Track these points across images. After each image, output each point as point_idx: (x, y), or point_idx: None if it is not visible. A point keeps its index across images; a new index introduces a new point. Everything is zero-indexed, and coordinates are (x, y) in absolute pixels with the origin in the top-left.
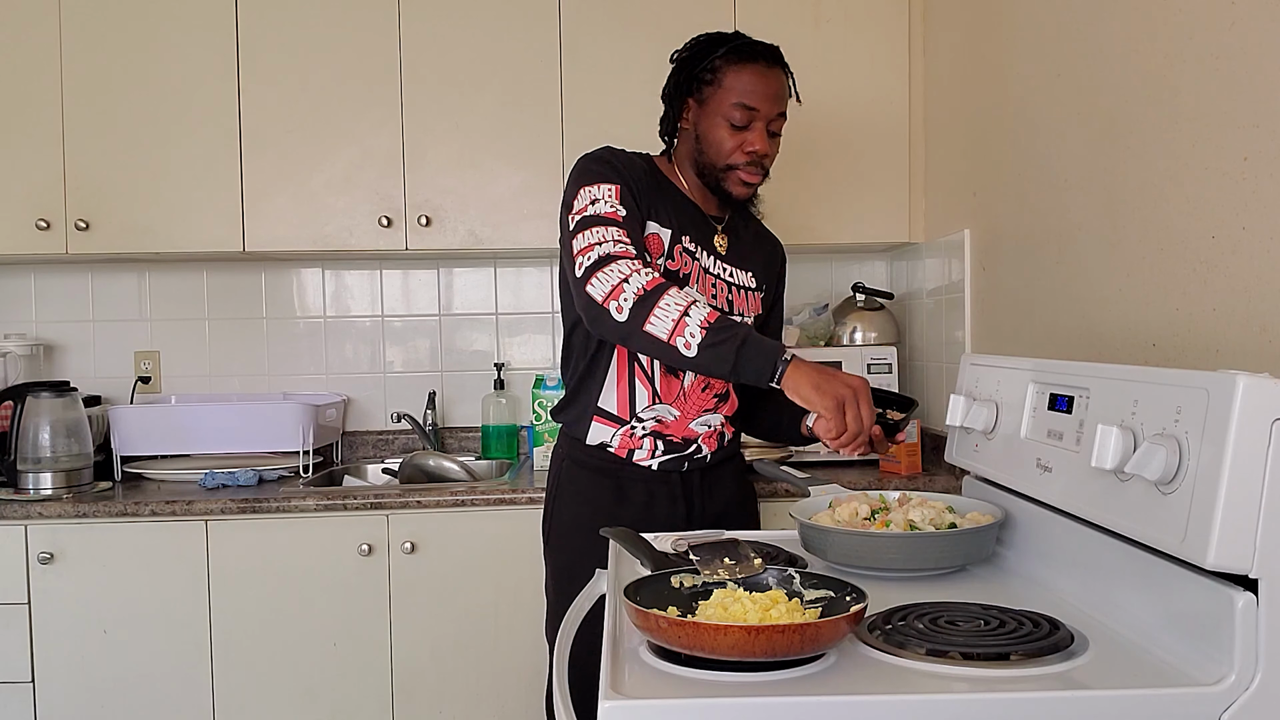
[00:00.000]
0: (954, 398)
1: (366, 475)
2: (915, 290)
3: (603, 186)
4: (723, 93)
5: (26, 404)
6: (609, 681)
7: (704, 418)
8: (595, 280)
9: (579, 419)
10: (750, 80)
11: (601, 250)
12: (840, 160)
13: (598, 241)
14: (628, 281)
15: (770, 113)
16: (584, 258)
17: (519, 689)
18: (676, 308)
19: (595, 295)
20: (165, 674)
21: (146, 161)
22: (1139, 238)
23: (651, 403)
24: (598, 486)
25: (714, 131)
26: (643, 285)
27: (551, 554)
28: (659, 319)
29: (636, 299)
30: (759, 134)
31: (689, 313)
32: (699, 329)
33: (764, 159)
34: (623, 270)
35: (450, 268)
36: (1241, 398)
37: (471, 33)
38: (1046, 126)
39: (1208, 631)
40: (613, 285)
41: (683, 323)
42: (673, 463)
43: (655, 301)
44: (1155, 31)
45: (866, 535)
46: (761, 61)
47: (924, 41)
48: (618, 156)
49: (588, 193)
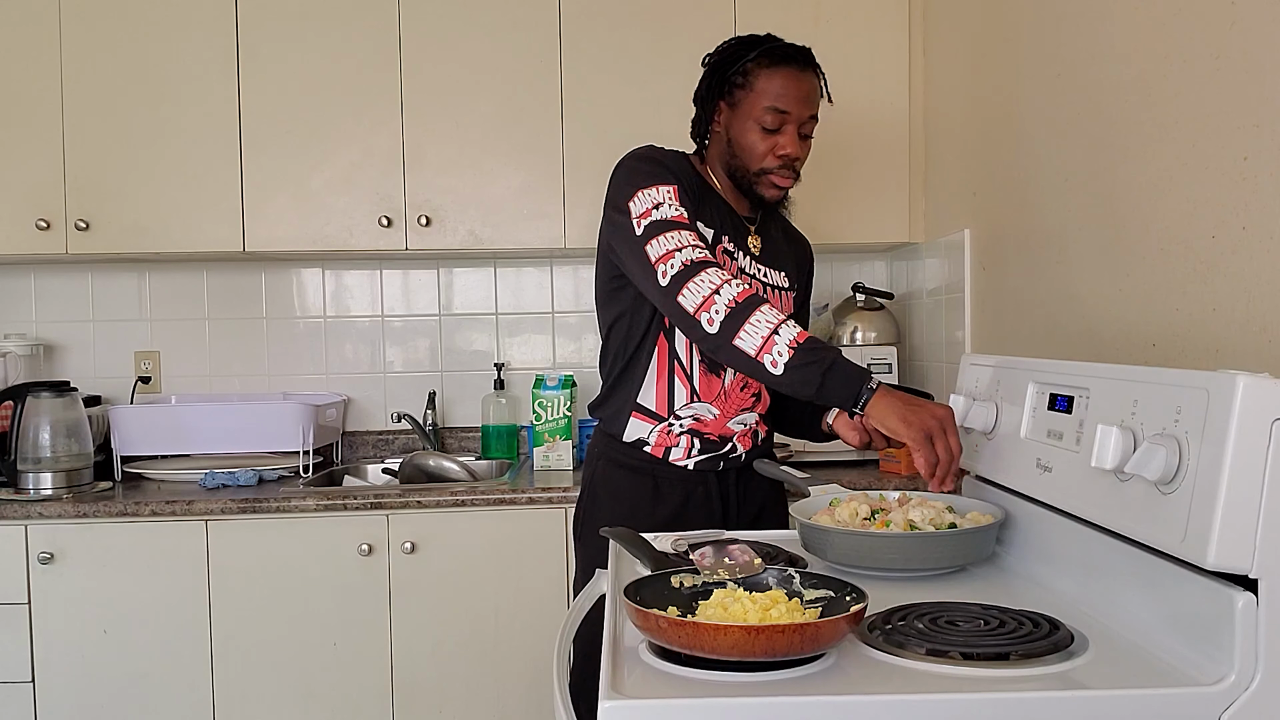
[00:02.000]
0: (954, 398)
1: (366, 475)
2: (915, 290)
3: (661, 189)
4: (754, 96)
5: (26, 404)
6: (609, 681)
7: (741, 417)
8: (686, 291)
9: (617, 414)
10: (782, 83)
11: (683, 257)
12: (840, 160)
13: (676, 248)
14: (719, 293)
15: (802, 115)
16: (666, 265)
17: (519, 689)
18: (767, 325)
19: (687, 306)
20: (165, 674)
21: (146, 161)
22: (1139, 238)
23: (690, 400)
24: (635, 486)
25: (746, 135)
26: (734, 297)
27: (584, 550)
28: (749, 334)
29: (728, 312)
30: (790, 137)
31: (779, 331)
32: (787, 348)
33: (795, 162)
34: (713, 280)
35: (450, 268)
36: (1241, 398)
37: (471, 33)
38: (1046, 126)
39: (1208, 631)
40: (704, 296)
41: (771, 340)
42: (709, 463)
43: (747, 316)
44: (1155, 31)
45: (866, 535)
46: (794, 64)
47: (924, 41)
48: (665, 155)
49: (647, 195)
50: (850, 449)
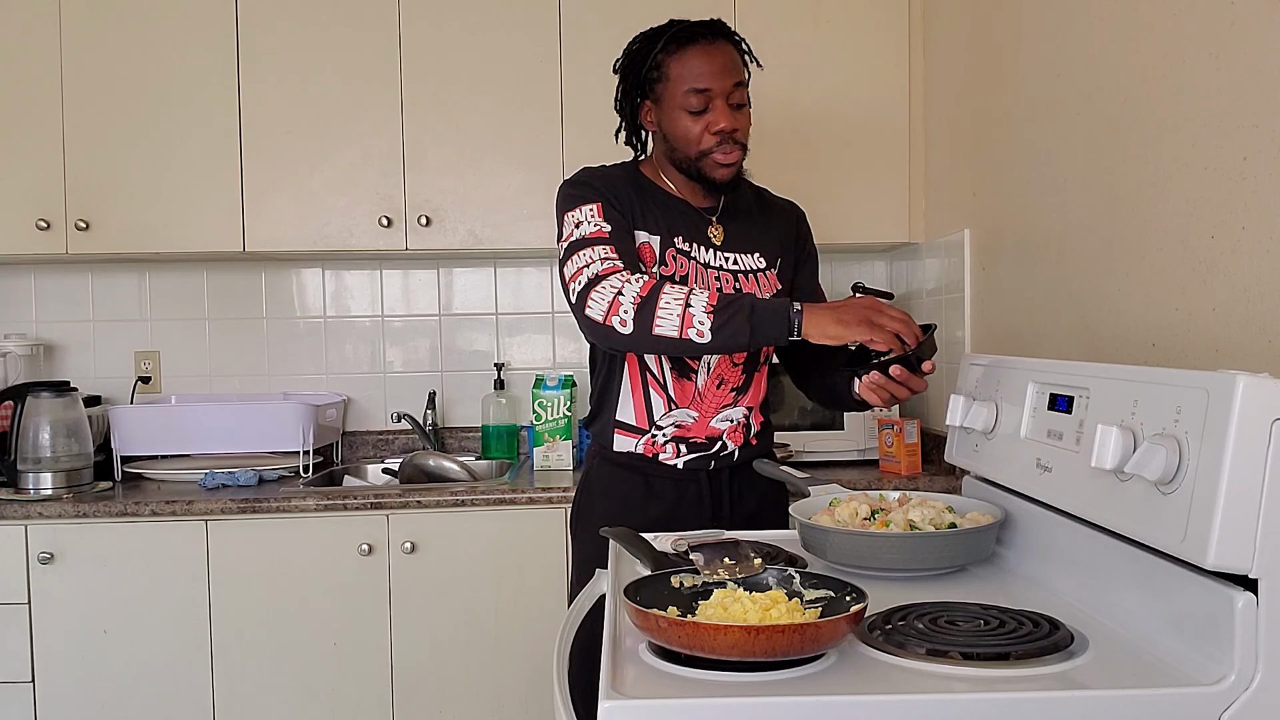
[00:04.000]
0: (954, 398)
1: (366, 475)
2: (915, 290)
3: (584, 208)
4: (673, 84)
5: (26, 404)
6: (609, 681)
7: (724, 414)
8: (591, 302)
9: (603, 430)
10: (694, 63)
11: (590, 272)
12: (840, 160)
13: (585, 264)
14: (622, 294)
15: (725, 87)
16: (575, 283)
17: (519, 689)
18: (677, 302)
19: (595, 316)
20: (165, 674)
21: (146, 161)
22: (1139, 238)
23: (668, 410)
24: (628, 483)
25: (676, 124)
26: (637, 292)
27: (579, 546)
28: (664, 319)
29: (636, 307)
30: (720, 111)
31: (690, 303)
32: (705, 314)
33: (734, 133)
34: (614, 284)
35: (450, 268)
36: (1241, 398)
37: (471, 33)
38: (1046, 126)
39: (1208, 631)
40: (609, 301)
41: (688, 314)
42: (698, 461)
43: (655, 303)
44: (1155, 31)
45: (866, 535)
46: (700, 41)
47: (924, 41)
48: (594, 174)
49: (571, 218)
50: (850, 449)
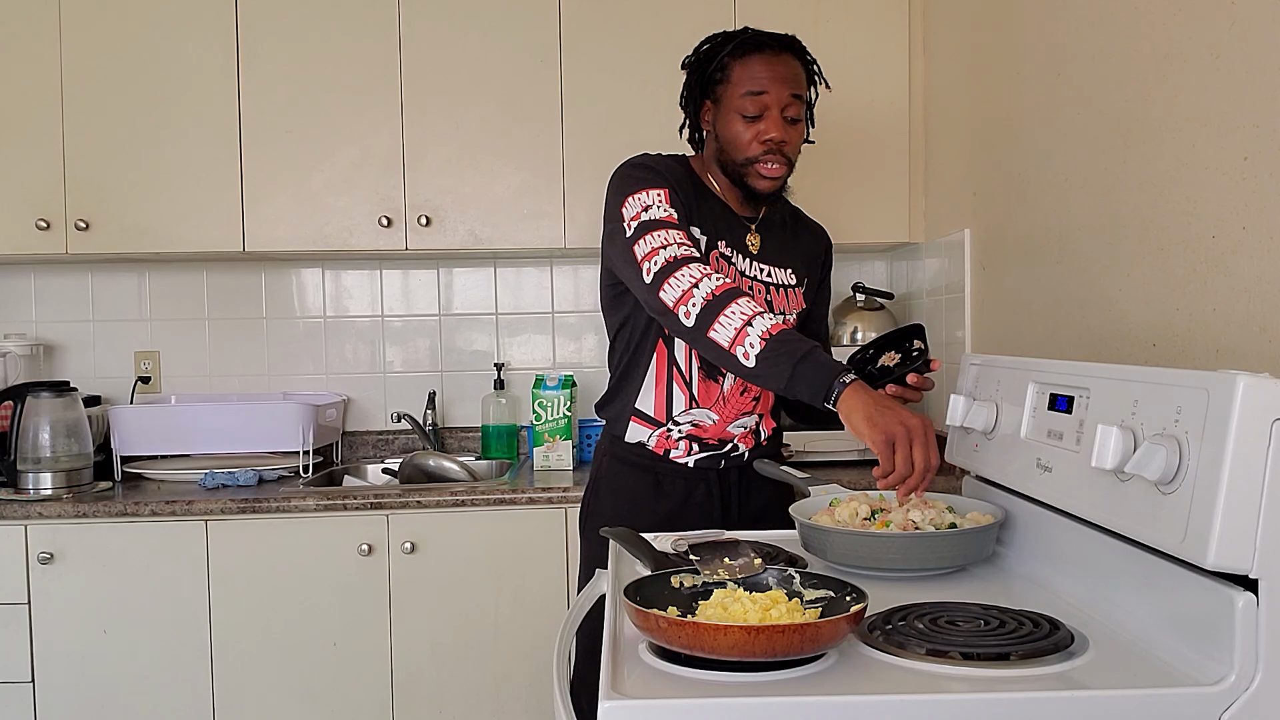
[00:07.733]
0: (954, 398)
1: (366, 475)
2: (915, 290)
3: (651, 192)
4: (733, 87)
5: (26, 404)
6: (609, 681)
7: (740, 420)
8: (667, 286)
9: (618, 417)
10: (755, 68)
11: (667, 254)
12: (840, 160)
13: (661, 245)
14: (698, 287)
15: (782, 96)
16: (650, 263)
17: (519, 689)
18: (741, 317)
19: (667, 300)
20: (165, 674)
21: (146, 161)
22: (1139, 238)
23: (689, 407)
24: (637, 481)
25: (730, 127)
26: (711, 290)
27: (587, 545)
28: (723, 327)
29: (704, 305)
30: (773, 121)
31: (752, 323)
32: (759, 340)
33: (782, 146)
34: (693, 275)
35: (450, 268)
36: (1241, 398)
37: (471, 33)
38: (1046, 126)
39: (1208, 631)
40: (683, 290)
41: (744, 332)
42: (709, 461)
43: (722, 309)
44: (1155, 31)
45: (866, 535)
46: (767, 50)
47: (924, 41)
48: (659, 161)
49: (637, 199)
50: (851, 449)
